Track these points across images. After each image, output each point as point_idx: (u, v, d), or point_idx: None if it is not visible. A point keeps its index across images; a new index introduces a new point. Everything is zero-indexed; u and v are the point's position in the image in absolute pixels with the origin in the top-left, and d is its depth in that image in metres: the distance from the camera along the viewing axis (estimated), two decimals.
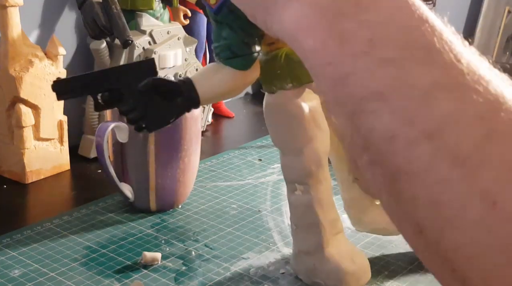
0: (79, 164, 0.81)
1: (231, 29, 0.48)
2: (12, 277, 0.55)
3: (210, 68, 0.50)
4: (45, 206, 0.71)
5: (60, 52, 0.75)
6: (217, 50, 0.49)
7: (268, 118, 0.54)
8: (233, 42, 0.48)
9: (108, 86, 0.48)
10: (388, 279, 0.57)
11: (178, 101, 0.48)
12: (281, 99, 0.52)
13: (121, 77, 0.48)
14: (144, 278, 0.56)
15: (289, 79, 0.52)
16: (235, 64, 0.49)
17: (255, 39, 0.49)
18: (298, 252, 0.56)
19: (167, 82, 0.48)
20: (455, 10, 1.58)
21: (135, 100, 0.48)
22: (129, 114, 0.49)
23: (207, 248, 0.61)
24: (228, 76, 0.49)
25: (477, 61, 0.30)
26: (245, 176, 0.78)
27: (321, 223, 0.54)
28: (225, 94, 0.52)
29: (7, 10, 0.71)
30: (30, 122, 0.73)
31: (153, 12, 0.83)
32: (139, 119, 0.49)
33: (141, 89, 0.48)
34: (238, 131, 0.98)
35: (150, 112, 0.49)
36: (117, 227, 0.65)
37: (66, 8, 0.84)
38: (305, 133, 0.52)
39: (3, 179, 0.76)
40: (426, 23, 0.31)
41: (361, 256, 0.55)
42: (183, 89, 0.48)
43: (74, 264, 0.58)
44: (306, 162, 0.53)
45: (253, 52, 0.49)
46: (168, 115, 0.49)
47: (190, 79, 0.49)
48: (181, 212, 0.68)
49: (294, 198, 0.55)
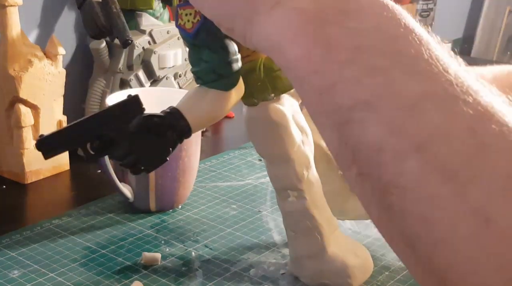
0: (79, 164, 0.80)
1: (211, 51, 0.46)
2: (11, 277, 0.55)
3: (194, 93, 0.48)
4: (45, 206, 0.71)
5: (60, 52, 0.75)
6: (199, 74, 0.47)
7: (252, 131, 0.53)
8: (216, 64, 0.46)
9: (96, 133, 0.46)
10: (388, 279, 0.57)
11: (169, 134, 0.46)
12: (264, 111, 0.51)
13: (108, 121, 0.45)
14: (144, 279, 0.56)
15: (271, 90, 0.50)
16: (221, 86, 0.47)
17: (237, 56, 0.47)
18: (300, 257, 0.55)
19: (157, 118, 0.46)
20: (456, 10, 1.57)
21: (126, 143, 0.46)
22: (124, 159, 0.46)
23: (207, 249, 0.61)
24: (215, 99, 0.47)
25: (463, 72, 0.29)
26: (245, 176, 0.78)
27: (320, 224, 0.54)
28: (215, 117, 0.49)
29: (6, 9, 0.71)
30: (29, 122, 0.73)
31: (152, 11, 0.83)
32: (136, 163, 0.47)
33: (132, 130, 0.45)
34: (238, 131, 0.98)
35: (144, 153, 0.46)
36: (117, 227, 0.65)
37: (65, 8, 0.84)
38: (291, 139, 0.52)
39: (2, 179, 0.76)
40: (413, 33, 0.30)
41: (361, 248, 0.56)
42: (172, 121, 0.46)
43: (73, 265, 0.58)
44: (296, 167, 0.52)
45: (237, 69, 0.47)
46: (164, 151, 0.47)
47: (176, 109, 0.47)
48: (181, 212, 0.68)
49: (288, 205, 0.54)
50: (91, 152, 0.46)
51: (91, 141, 0.45)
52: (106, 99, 0.67)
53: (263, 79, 0.50)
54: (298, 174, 0.52)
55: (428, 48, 0.30)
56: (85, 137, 0.45)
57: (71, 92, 0.80)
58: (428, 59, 0.29)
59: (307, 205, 0.53)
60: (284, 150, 0.52)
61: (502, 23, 1.59)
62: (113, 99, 0.67)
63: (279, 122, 0.51)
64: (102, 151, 0.46)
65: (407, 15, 0.31)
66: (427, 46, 0.30)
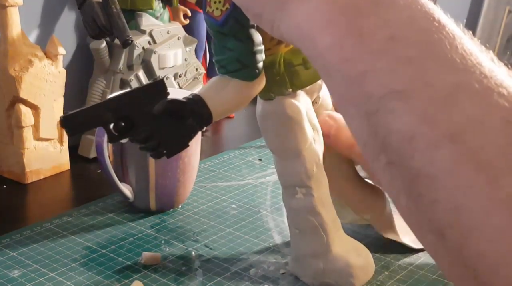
0: (79, 164, 0.81)
1: (237, 40, 0.46)
2: (11, 277, 0.55)
3: (216, 82, 0.48)
4: (45, 206, 0.71)
5: (60, 52, 0.75)
6: (223, 63, 0.47)
7: (265, 126, 0.53)
8: (241, 53, 0.46)
9: (120, 114, 0.46)
10: (388, 279, 0.57)
11: (190, 121, 0.47)
12: (279, 105, 0.51)
13: (132, 103, 0.46)
14: (144, 278, 0.56)
15: (289, 85, 0.51)
16: (244, 76, 0.47)
17: (261, 47, 0.47)
18: (302, 256, 0.55)
19: (181, 103, 0.46)
20: (455, 10, 1.57)
21: (148, 127, 0.46)
22: (146, 142, 0.47)
23: (207, 248, 0.61)
24: (237, 89, 0.48)
25: (496, 67, 0.30)
26: (245, 176, 0.78)
27: (326, 223, 0.53)
28: (236, 107, 0.50)
29: (6, 9, 0.71)
30: (29, 122, 0.73)
31: (153, 12, 0.83)
32: (157, 146, 0.47)
33: (155, 113, 0.46)
34: (238, 131, 0.98)
35: (166, 137, 0.47)
36: (117, 227, 0.65)
37: (66, 8, 0.84)
38: (304, 135, 0.52)
39: (2, 179, 0.76)
40: (446, 27, 0.30)
41: (363, 249, 0.56)
42: (195, 108, 0.47)
43: (74, 264, 0.58)
44: (307, 164, 0.52)
45: (260, 60, 0.47)
46: (185, 137, 0.47)
47: (199, 96, 0.47)
48: (181, 212, 0.68)
49: (295, 202, 0.54)
50: (114, 133, 0.46)
51: (115, 123, 0.46)
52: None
53: (282, 73, 0.50)
54: (308, 171, 0.52)
55: (461, 42, 0.30)
56: (109, 117, 0.46)
57: (71, 92, 0.80)
58: (461, 52, 0.30)
59: (314, 202, 0.53)
60: (296, 146, 0.52)
61: (502, 23, 1.59)
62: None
63: (294, 118, 0.51)
64: (124, 132, 0.46)
65: (439, 11, 0.32)
66: (460, 40, 0.30)
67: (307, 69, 0.50)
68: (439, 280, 0.57)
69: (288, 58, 0.50)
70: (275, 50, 0.50)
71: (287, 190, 0.54)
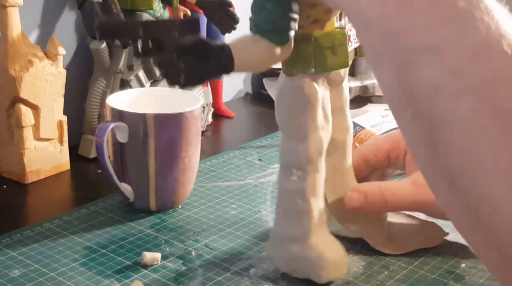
0: (79, 164, 0.81)
1: (277, 2, 0.48)
2: (12, 277, 0.55)
3: (247, 38, 0.50)
4: (45, 206, 0.71)
5: (60, 52, 0.75)
6: (257, 21, 0.49)
7: (281, 100, 0.54)
8: (277, 16, 0.48)
9: (152, 34, 0.47)
10: (388, 279, 0.57)
11: (212, 64, 0.48)
12: (300, 82, 0.52)
13: (165, 29, 0.47)
14: (144, 278, 0.56)
15: (313, 64, 0.52)
16: (275, 38, 0.49)
17: (297, 16, 0.49)
18: (282, 238, 0.56)
19: (210, 45, 0.48)
20: None
21: (173, 54, 0.47)
22: (168, 66, 0.48)
23: (207, 248, 0.61)
24: (264, 50, 0.49)
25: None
26: (245, 176, 0.78)
27: (312, 210, 0.54)
28: (257, 67, 0.52)
29: (6, 10, 0.71)
30: (30, 122, 0.73)
31: (153, 12, 0.83)
32: (177, 73, 0.48)
33: (184, 44, 0.47)
34: (238, 131, 0.98)
35: (187, 69, 0.47)
36: (117, 227, 0.65)
37: (66, 8, 0.84)
38: (314, 120, 0.53)
39: (2, 179, 0.76)
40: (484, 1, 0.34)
41: (341, 248, 0.56)
42: (221, 56, 0.48)
43: (74, 264, 0.58)
44: (310, 148, 0.53)
45: (293, 28, 0.49)
46: (204, 74, 0.48)
47: (229, 47, 0.48)
48: (181, 212, 0.68)
49: (288, 184, 0.54)
50: (140, 50, 0.47)
51: (144, 41, 0.47)
52: (106, 100, 0.67)
53: (309, 52, 0.52)
54: (309, 155, 0.53)
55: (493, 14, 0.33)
56: (141, 34, 0.47)
57: (71, 92, 0.80)
58: (497, 21, 0.33)
59: (306, 187, 0.54)
60: (305, 128, 0.53)
61: None
62: (114, 100, 0.67)
63: (309, 98, 0.52)
64: (150, 52, 0.48)
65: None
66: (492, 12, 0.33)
67: (334, 54, 0.52)
68: (439, 280, 0.57)
69: (319, 39, 0.51)
70: (308, 29, 0.51)
71: (284, 170, 0.55)
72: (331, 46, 0.52)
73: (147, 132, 0.64)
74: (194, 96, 0.69)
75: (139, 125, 0.64)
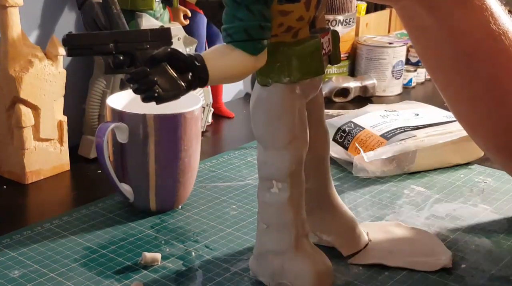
0: (79, 164, 0.81)
1: (249, 11, 0.47)
2: (12, 277, 0.55)
3: (220, 49, 0.48)
4: (45, 206, 0.71)
5: (60, 53, 0.75)
6: (230, 31, 0.47)
7: (256, 111, 0.53)
8: (249, 25, 0.47)
9: (122, 48, 0.46)
10: (388, 279, 0.57)
11: (186, 76, 0.46)
12: (274, 92, 0.51)
13: (136, 41, 0.46)
14: (144, 279, 0.56)
15: (287, 73, 0.51)
16: (248, 48, 0.47)
17: (270, 24, 0.48)
18: (265, 252, 0.55)
19: (183, 56, 0.46)
20: None
21: (146, 67, 0.45)
22: (141, 81, 0.46)
23: (207, 249, 0.61)
24: (238, 59, 0.48)
25: None
26: (245, 176, 0.78)
27: (295, 222, 0.53)
28: (232, 78, 0.50)
29: (7, 10, 0.71)
30: (30, 123, 0.73)
31: (153, 12, 0.83)
32: (150, 87, 0.46)
33: (156, 56, 0.46)
34: (238, 131, 0.98)
35: (160, 83, 0.46)
36: (117, 227, 0.65)
37: (66, 8, 0.84)
38: (292, 130, 0.52)
39: (3, 179, 0.76)
40: None
41: (325, 259, 0.55)
42: (195, 67, 0.46)
43: (74, 265, 0.58)
44: (289, 159, 0.52)
45: (267, 37, 0.48)
46: (178, 89, 0.46)
47: (202, 57, 0.47)
48: (181, 213, 0.68)
49: (269, 196, 0.54)
50: (112, 65, 0.46)
51: (114, 55, 0.46)
52: (106, 100, 0.67)
53: (282, 61, 0.50)
54: (289, 166, 0.52)
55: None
56: (111, 48, 0.45)
57: (71, 93, 0.80)
58: None
59: (288, 199, 0.53)
60: (281, 138, 0.52)
61: None
62: (114, 100, 0.67)
63: (285, 108, 0.51)
64: (121, 67, 0.46)
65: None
66: None
67: (308, 62, 0.51)
68: (439, 281, 0.57)
69: (293, 47, 0.50)
70: (281, 37, 0.50)
71: (264, 182, 0.54)
72: (305, 54, 0.51)
73: (147, 133, 0.64)
74: (194, 96, 0.69)
75: (139, 125, 0.64)
